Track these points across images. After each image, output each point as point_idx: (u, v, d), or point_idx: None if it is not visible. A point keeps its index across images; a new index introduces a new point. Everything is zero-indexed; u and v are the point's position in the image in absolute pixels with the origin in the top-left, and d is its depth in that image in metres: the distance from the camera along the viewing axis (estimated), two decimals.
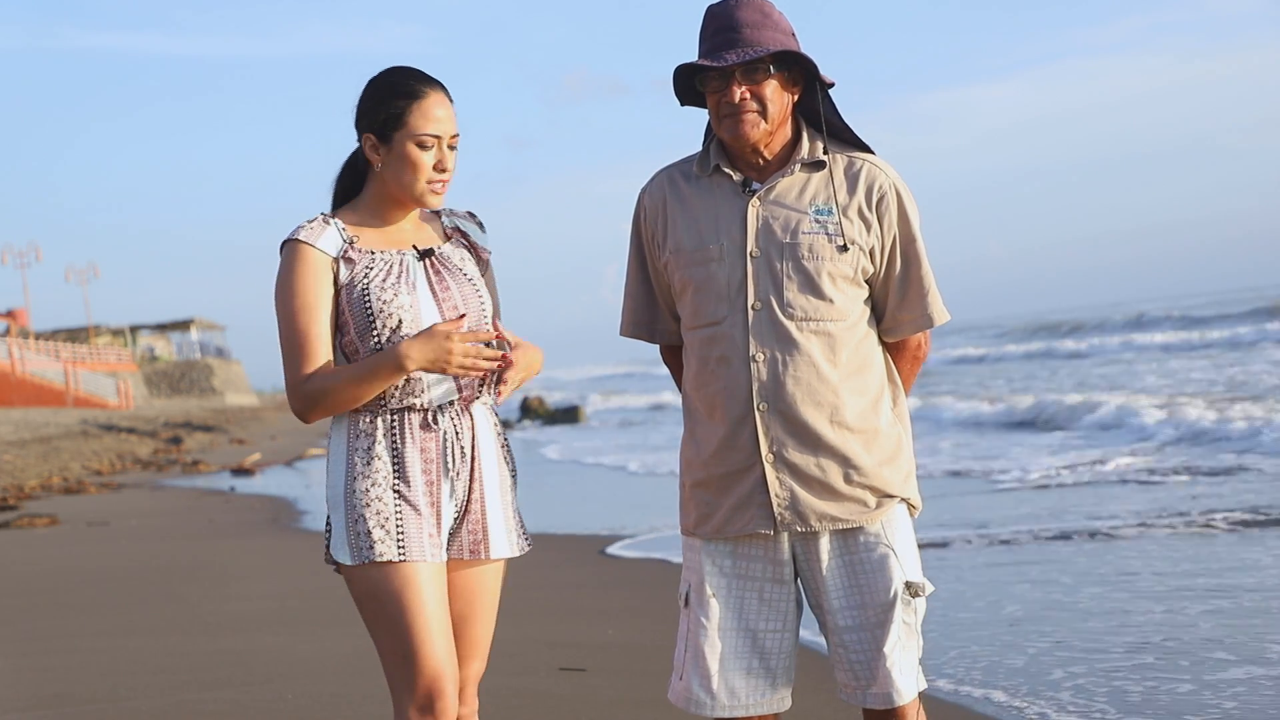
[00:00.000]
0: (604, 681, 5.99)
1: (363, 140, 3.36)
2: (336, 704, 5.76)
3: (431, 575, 3.28)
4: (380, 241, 3.38)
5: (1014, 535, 9.71)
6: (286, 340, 3.30)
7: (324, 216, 3.38)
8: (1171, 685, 5.48)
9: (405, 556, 3.25)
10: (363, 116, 3.36)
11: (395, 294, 3.30)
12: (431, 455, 3.32)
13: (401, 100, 3.31)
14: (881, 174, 3.32)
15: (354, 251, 3.33)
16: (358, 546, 3.26)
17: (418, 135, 3.31)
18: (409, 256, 3.37)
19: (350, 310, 3.30)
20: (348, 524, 3.28)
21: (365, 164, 3.41)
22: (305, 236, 3.32)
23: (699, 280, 3.31)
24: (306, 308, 3.30)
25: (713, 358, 3.31)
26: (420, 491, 3.29)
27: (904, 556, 3.31)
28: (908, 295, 3.34)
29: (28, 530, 13.60)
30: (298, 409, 3.33)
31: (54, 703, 5.98)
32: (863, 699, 3.30)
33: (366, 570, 3.26)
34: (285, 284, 3.32)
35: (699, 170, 3.37)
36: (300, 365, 3.29)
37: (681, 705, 3.36)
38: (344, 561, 3.28)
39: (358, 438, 3.30)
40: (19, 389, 50.18)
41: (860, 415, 3.29)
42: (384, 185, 3.37)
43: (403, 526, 3.27)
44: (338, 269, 3.32)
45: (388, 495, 3.27)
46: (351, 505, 3.27)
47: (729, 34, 3.23)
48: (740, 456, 3.29)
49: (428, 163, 3.32)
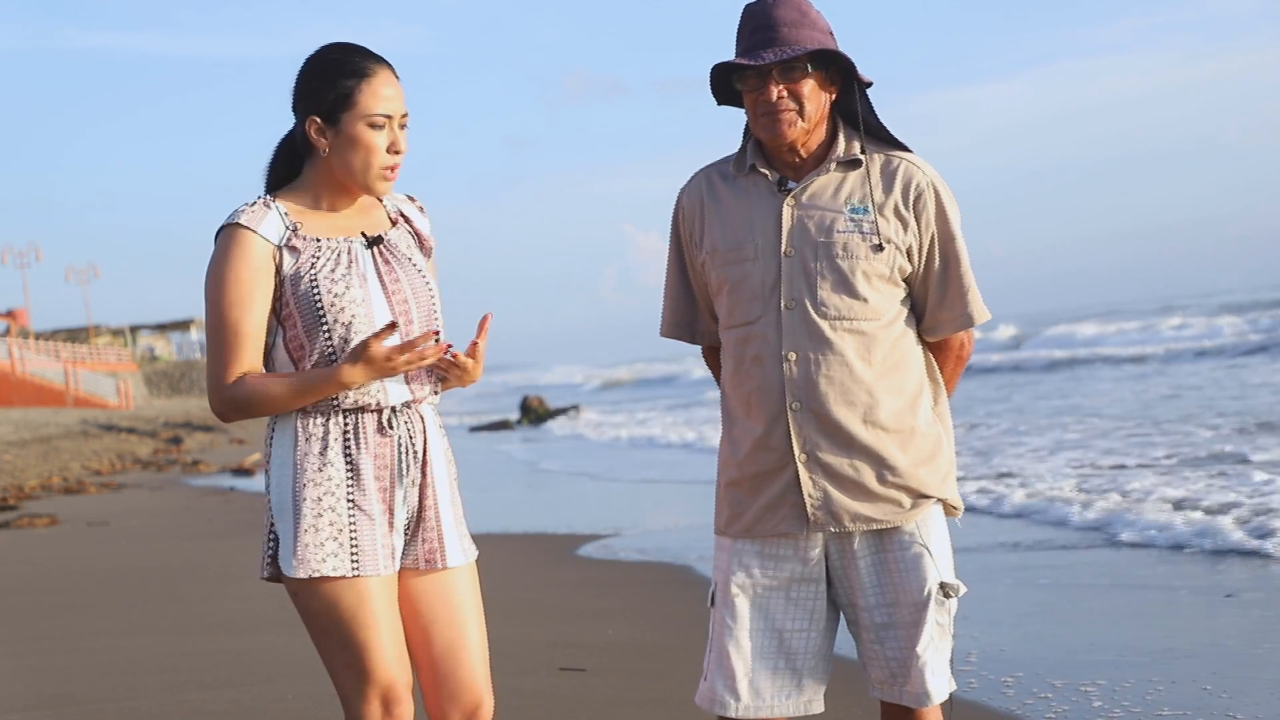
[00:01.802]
0: (604, 681, 5.99)
1: (306, 123, 3.14)
2: (335, 704, 5.75)
3: (383, 587, 3.15)
4: (325, 228, 3.18)
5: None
6: (214, 333, 3.11)
7: (264, 200, 3.17)
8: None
9: (359, 571, 3.11)
10: (305, 97, 3.15)
11: (346, 287, 3.12)
12: (386, 460, 3.16)
13: (349, 79, 3.12)
14: (919, 172, 3.30)
15: (297, 239, 3.13)
16: (307, 560, 3.09)
17: (369, 115, 3.12)
18: (357, 244, 3.18)
19: (297, 305, 3.12)
20: (297, 534, 3.10)
21: (306, 148, 3.18)
22: (246, 221, 3.11)
23: (734, 280, 3.30)
24: (241, 301, 3.10)
25: (747, 357, 3.30)
26: (374, 499, 3.14)
27: (939, 557, 3.30)
28: (947, 294, 3.32)
29: (28, 530, 13.59)
30: (218, 410, 3.14)
31: (54, 703, 5.98)
32: (898, 695, 3.30)
33: (317, 584, 3.11)
34: (220, 272, 3.10)
35: (735, 170, 3.36)
36: (228, 364, 3.10)
37: (706, 707, 3.35)
38: (292, 575, 3.10)
39: (307, 441, 3.12)
40: (19, 389, 50.17)
41: (896, 415, 3.27)
42: (329, 171, 3.17)
43: (356, 539, 3.12)
44: (280, 258, 3.12)
45: (341, 505, 3.11)
46: (301, 515, 3.09)
47: (767, 32, 3.22)
48: (774, 456, 3.28)
49: (380, 144, 3.13)
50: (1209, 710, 5.09)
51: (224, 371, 3.12)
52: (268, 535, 3.19)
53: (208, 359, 3.15)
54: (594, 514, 12.80)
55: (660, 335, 3.56)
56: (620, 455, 21.36)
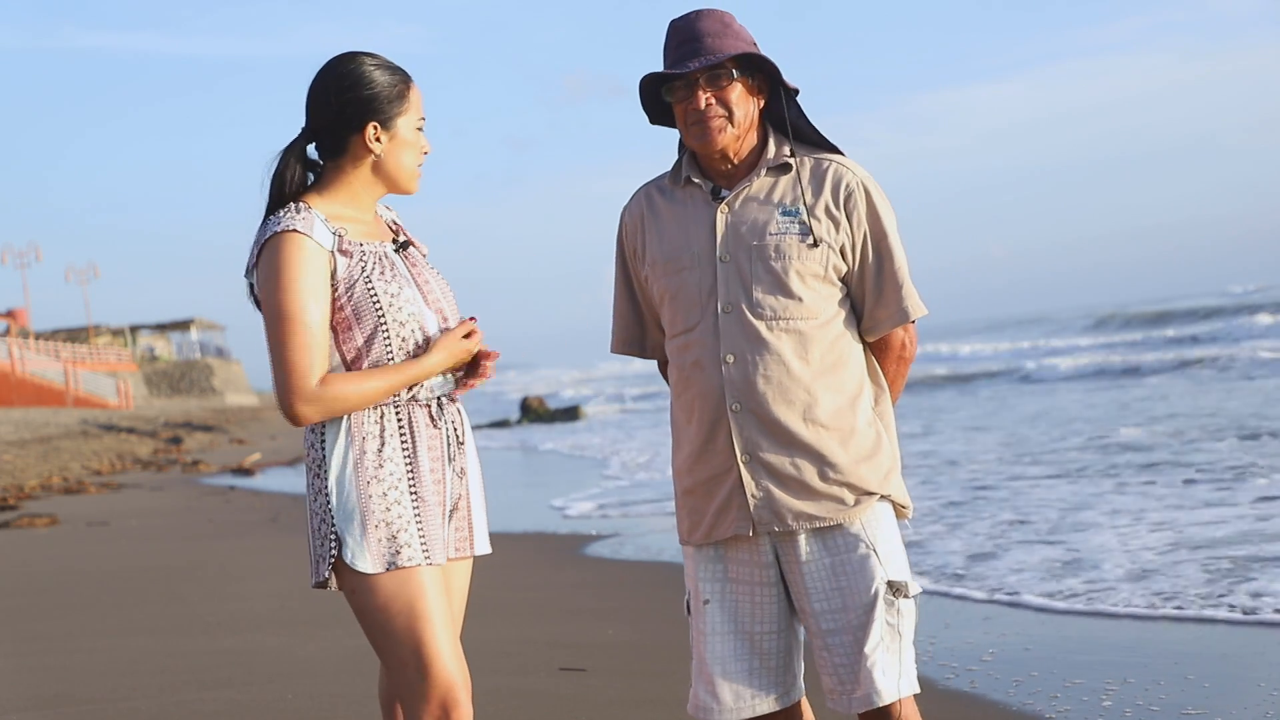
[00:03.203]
0: (604, 681, 5.99)
1: (365, 130, 3.23)
2: (335, 704, 5.76)
3: (438, 579, 3.21)
4: (362, 234, 3.27)
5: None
6: (289, 338, 3.11)
7: (304, 206, 3.21)
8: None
9: (430, 559, 3.18)
10: (362, 106, 3.22)
11: (400, 288, 3.22)
12: (437, 451, 3.25)
13: (399, 84, 3.27)
14: (849, 173, 3.35)
15: (346, 244, 3.20)
16: (382, 553, 3.13)
17: (418, 120, 3.30)
18: (389, 248, 3.29)
19: (354, 308, 3.17)
20: (366, 530, 3.13)
21: (338, 154, 3.26)
22: (301, 227, 3.15)
23: (673, 289, 3.37)
24: (311, 303, 3.12)
25: (688, 364, 3.35)
26: (431, 489, 3.21)
27: (886, 556, 3.31)
28: (883, 292, 3.36)
29: (28, 530, 13.60)
30: (302, 413, 3.13)
31: (54, 702, 5.98)
32: (848, 704, 3.30)
33: (381, 580, 3.13)
34: (285, 276, 3.12)
35: (672, 183, 3.44)
36: (310, 366, 3.11)
37: (695, 714, 3.37)
38: (366, 571, 3.13)
39: (364, 439, 3.17)
40: (19, 389, 50.18)
41: (835, 413, 3.30)
42: (374, 175, 3.27)
43: (423, 529, 3.18)
44: (335, 263, 3.18)
45: (405, 498, 3.17)
46: (369, 510, 3.14)
47: (692, 44, 3.30)
48: (718, 460, 3.33)
49: (422, 145, 3.32)
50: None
51: (308, 373, 3.12)
52: (326, 538, 3.18)
53: (281, 365, 3.12)
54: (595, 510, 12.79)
55: (611, 352, 3.62)
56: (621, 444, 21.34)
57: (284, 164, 3.26)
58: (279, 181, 3.25)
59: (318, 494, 3.20)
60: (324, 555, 3.18)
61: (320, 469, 3.20)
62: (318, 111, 3.25)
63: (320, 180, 3.29)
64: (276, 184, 3.26)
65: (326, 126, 3.25)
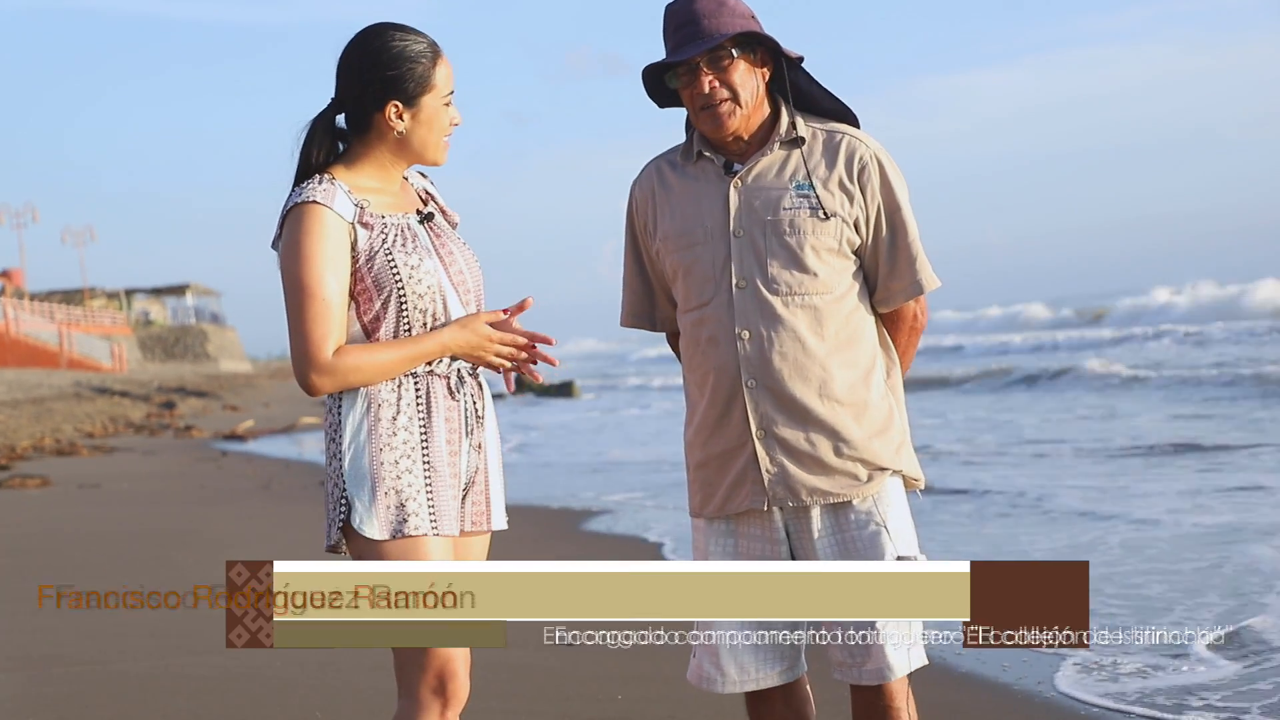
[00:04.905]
0: (593, 655, 5.99)
1: (386, 108, 3.20)
2: (324, 671, 5.77)
3: (447, 551, 3.20)
4: (385, 206, 3.26)
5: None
6: (305, 309, 3.13)
7: (329, 178, 3.21)
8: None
9: (438, 530, 3.17)
10: (384, 85, 3.20)
11: (421, 259, 3.21)
12: (455, 424, 3.23)
13: (425, 62, 3.22)
14: (862, 145, 3.35)
15: (367, 216, 3.20)
16: (389, 520, 3.14)
17: (445, 95, 3.26)
18: (413, 220, 3.28)
19: (374, 280, 3.18)
20: (376, 497, 3.14)
21: (363, 129, 3.24)
22: (321, 199, 3.16)
23: (686, 264, 3.37)
24: (329, 275, 3.14)
25: (703, 339, 3.35)
26: (444, 461, 3.20)
27: (896, 532, 3.32)
28: (897, 264, 3.36)
29: (19, 491, 13.59)
30: (317, 383, 3.15)
31: (43, 663, 5.99)
32: (858, 675, 3.30)
33: (389, 546, 3.14)
34: (304, 248, 3.14)
35: (683, 158, 3.43)
36: (325, 337, 3.13)
37: (696, 684, 3.39)
38: (373, 537, 3.13)
39: (380, 407, 3.17)
40: (13, 349, 50.12)
41: (850, 388, 3.31)
42: (398, 148, 3.25)
43: (433, 499, 3.18)
44: (355, 235, 3.19)
45: (417, 467, 3.17)
46: (380, 478, 3.14)
47: (689, 28, 3.29)
48: (733, 434, 3.33)
49: (450, 119, 3.28)
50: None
51: (323, 344, 3.14)
52: (338, 502, 3.19)
53: (297, 335, 3.15)
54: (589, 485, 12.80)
55: (621, 325, 3.63)
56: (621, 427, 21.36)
57: (311, 135, 3.27)
58: (306, 152, 3.26)
59: (332, 459, 3.21)
60: (334, 519, 3.20)
61: (336, 434, 3.21)
62: (344, 85, 3.25)
63: (348, 152, 3.28)
64: (304, 155, 3.26)
65: (351, 101, 3.24)
